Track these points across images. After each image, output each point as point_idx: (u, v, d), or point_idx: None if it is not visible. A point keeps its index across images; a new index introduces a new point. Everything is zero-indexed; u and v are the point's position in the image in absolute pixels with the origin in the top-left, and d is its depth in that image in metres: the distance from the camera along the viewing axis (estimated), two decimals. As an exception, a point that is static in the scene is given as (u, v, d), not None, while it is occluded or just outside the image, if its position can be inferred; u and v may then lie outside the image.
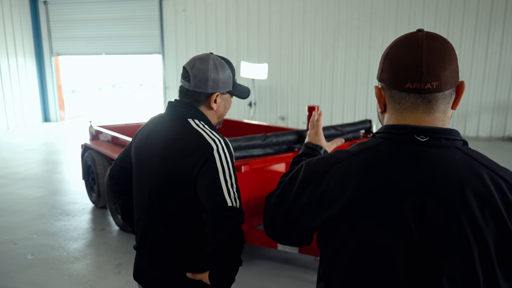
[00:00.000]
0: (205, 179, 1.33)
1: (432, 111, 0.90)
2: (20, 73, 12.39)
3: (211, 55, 1.47)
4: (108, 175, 1.71)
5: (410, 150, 0.88)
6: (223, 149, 1.36)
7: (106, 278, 3.33)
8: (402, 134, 0.90)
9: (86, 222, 4.55)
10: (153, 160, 1.43)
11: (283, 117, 11.51)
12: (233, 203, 1.32)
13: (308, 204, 0.96)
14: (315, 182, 0.96)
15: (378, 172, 0.89)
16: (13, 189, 5.73)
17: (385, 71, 0.93)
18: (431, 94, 0.88)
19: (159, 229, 1.46)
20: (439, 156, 0.87)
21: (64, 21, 12.90)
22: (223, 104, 1.52)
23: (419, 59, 0.86)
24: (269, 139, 3.49)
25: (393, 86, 0.92)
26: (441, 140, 0.88)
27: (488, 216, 0.83)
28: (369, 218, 0.88)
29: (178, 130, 1.41)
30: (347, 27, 10.67)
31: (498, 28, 9.60)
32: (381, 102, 0.98)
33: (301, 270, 3.42)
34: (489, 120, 10.02)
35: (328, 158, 0.98)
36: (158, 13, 12.03)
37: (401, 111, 0.92)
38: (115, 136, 4.67)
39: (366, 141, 0.97)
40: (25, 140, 9.89)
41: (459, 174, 0.85)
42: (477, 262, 0.83)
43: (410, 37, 0.90)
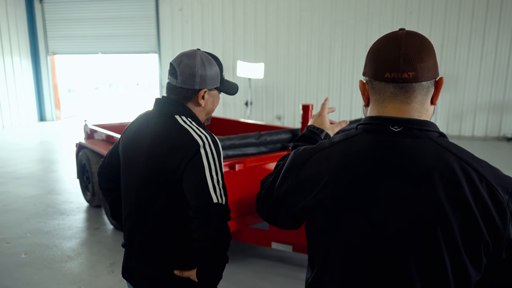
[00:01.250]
0: (191, 176, 1.33)
1: (409, 101, 0.95)
2: (16, 72, 12.34)
3: (198, 51, 1.46)
4: (97, 172, 1.71)
5: (383, 140, 0.94)
6: (210, 146, 1.36)
7: (99, 276, 3.33)
8: (378, 125, 0.96)
9: (81, 221, 4.54)
10: (140, 157, 1.43)
11: (280, 116, 11.52)
12: (219, 200, 1.32)
13: (290, 189, 1.03)
14: (297, 168, 1.03)
15: (352, 160, 0.95)
16: (8, 188, 5.71)
17: (367, 65, 1.00)
18: (408, 83, 0.93)
19: (147, 227, 1.46)
20: (410, 146, 0.91)
21: (60, 20, 12.85)
22: (211, 100, 1.52)
23: (397, 51, 0.92)
24: (263, 137, 3.49)
25: (374, 77, 0.97)
26: (413, 130, 0.92)
27: (455, 203, 0.86)
28: (342, 203, 0.93)
29: (165, 127, 1.41)
30: (343, 26, 10.69)
31: (493, 28, 9.64)
32: (364, 95, 1.03)
33: (295, 269, 3.43)
34: (485, 120, 10.06)
35: (314, 146, 1.05)
36: (154, 12, 12.01)
37: (381, 101, 0.98)
38: (109, 135, 4.65)
39: (349, 132, 1.03)
40: (21, 139, 9.85)
41: (428, 162, 0.89)
42: (444, 252, 0.86)
43: (391, 34, 0.97)
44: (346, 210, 0.93)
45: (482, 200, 0.86)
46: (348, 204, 0.93)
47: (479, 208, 0.85)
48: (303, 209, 1.01)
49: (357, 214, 0.92)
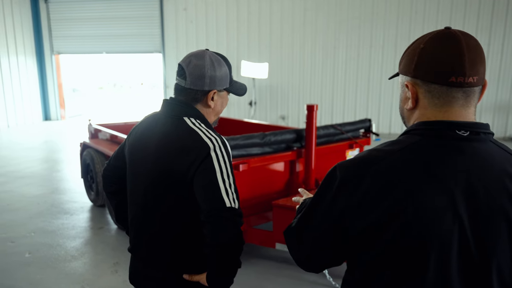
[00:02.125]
0: (202, 180, 1.30)
1: (469, 105, 0.93)
2: (21, 72, 12.39)
3: (207, 52, 1.44)
4: (102, 175, 1.68)
5: (453, 145, 0.90)
6: (220, 148, 1.33)
7: (103, 276, 3.32)
8: (443, 130, 0.91)
9: (84, 220, 4.54)
10: (148, 158, 1.40)
11: (284, 116, 11.50)
12: (232, 204, 1.29)
13: (345, 209, 0.92)
14: (353, 185, 0.91)
15: (424, 169, 0.88)
16: (12, 187, 5.73)
17: (421, 67, 0.93)
18: (471, 88, 0.91)
19: (154, 228, 1.44)
20: (480, 150, 0.90)
21: (65, 19, 12.90)
22: (220, 101, 1.49)
23: (462, 54, 0.88)
24: (268, 138, 3.47)
25: (433, 81, 0.92)
26: (480, 134, 0.91)
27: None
28: (418, 218, 0.86)
29: (174, 128, 1.38)
30: (348, 26, 10.64)
31: (499, 28, 9.57)
32: (413, 98, 0.97)
33: (299, 270, 3.40)
34: (490, 120, 9.98)
35: (362, 159, 0.94)
36: (158, 12, 12.02)
37: (439, 105, 0.93)
38: (113, 135, 4.65)
39: (401, 139, 0.96)
40: (25, 139, 9.89)
41: (499, 166, 0.89)
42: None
43: (446, 34, 0.92)
44: (426, 220, 0.86)
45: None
46: (426, 214, 0.86)
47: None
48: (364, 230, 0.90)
49: (438, 223, 0.85)
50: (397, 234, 0.87)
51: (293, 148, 3.70)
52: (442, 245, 0.86)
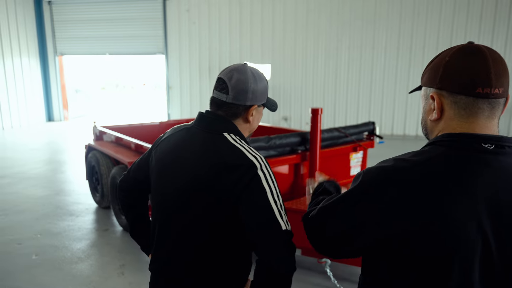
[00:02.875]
0: (254, 201, 1.23)
1: (493, 116, 0.95)
2: (24, 73, 12.45)
3: (247, 66, 1.40)
4: (118, 186, 1.62)
5: (479, 158, 0.91)
6: (267, 167, 1.27)
7: (109, 278, 3.35)
8: (469, 142, 0.92)
9: (90, 222, 4.57)
10: (182, 175, 1.34)
11: (286, 117, 11.52)
12: (287, 226, 1.23)
13: (368, 216, 0.94)
14: (377, 193, 0.93)
15: (450, 181, 0.90)
16: (18, 188, 5.77)
17: (447, 79, 0.95)
18: (497, 99, 0.93)
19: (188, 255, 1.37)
20: (506, 163, 0.91)
21: (68, 21, 12.96)
22: (257, 117, 1.45)
23: (488, 66, 0.91)
24: (273, 141, 3.50)
25: (460, 92, 0.94)
26: (505, 148, 0.92)
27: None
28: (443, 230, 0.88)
29: (213, 144, 1.31)
30: (350, 27, 10.66)
31: (502, 29, 9.58)
32: (438, 109, 0.99)
33: (304, 272, 3.43)
34: (493, 122, 10.00)
35: (389, 167, 0.96)
36: (161, 13, 12.06)
37: (465, 117, 0.95)
38: (119, 137, 4.69)
39: (426, 150, 0.97)
40: (29, 140, 9.94)
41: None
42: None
43: (471, 48, 0.95)
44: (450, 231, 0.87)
45: None
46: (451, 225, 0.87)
47: None
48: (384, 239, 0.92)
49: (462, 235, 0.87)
50: (422, 243, 0.89)
51: (298, 151, 3.72)
52: (466, 255, 0.88)
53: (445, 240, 0.88)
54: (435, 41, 10.01)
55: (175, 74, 12.40)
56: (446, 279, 0.89)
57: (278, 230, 1.22)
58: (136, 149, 4.27)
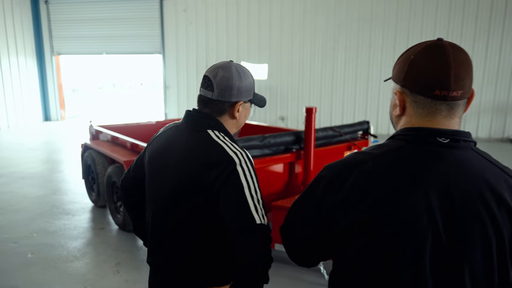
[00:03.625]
0: (230, 196, 1.27)
1: (453, 116, 0.97)
2: (21, 72, 12.44)
3: (232, 63, 1.43)
4: (120, 186, 1.67)
5: (433, 151, 0.94)
6: (246, 163, 1.31)
7: (105, 276, 3.37)
8: (425, 136, 0.95)
9: (86, 221, 4.59)
10: (170, 171, 1.39)
11: (283, 117, 11.55)
12: (262, 220, 1.26)
13: (331, 207, 0.98)
14: (338, 184, 0.98)
15: (403, 172, 0.93)
16: (14, 188, 5.77)
17: (410, 77, 0.97)
18: (455, 101, 0.95)
19: (173, 241, 1.42)
20: (460, 157, 0.94)
21: (65, 20, 12.95)
22: (244, 113, 1.48)
23: (448, 68, 0.91)
24: (267, 140, 3.52)
25: (419, 92, 0.96)
26: (460, 141, 0.95)
27: (504, 212, 0.90)
28: (396, 217, 0.91)
29: (198, 141, 1.36)
30: (347, 28, 10.70)
31: (497, 30, 9.63)
32: (401, 106, 1.01)
33: (297, 270, 3.46)
34: (488, 121, 10.05)
35: (349, 160, 1.01)
36: (158, 13, 12.07)
37: (424, 115, 0.98)
38: (115, 136, 4.70)
39: (386, 143, 1.01)
40: (26, 139, 9.93)
41: (478, 173, 0.92)
42: (494, 253, 0.91)
43: (436, 46, 0.95)
44: (402, 220, 0.91)
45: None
46: (403, 215, 0.91)
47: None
48: (348, 228, 0.96)
49: (413, 224, 0.90)
50: (376, 231, 0.93)
51: (292, 150, 3.75)
52: (416, 244, 0.90)
53: (398, 230, 0.91)
54: (431, 41, 10.06)
55: (172, 74, 12.41)
56: (399, 267, 0.92)
57: (252, 224, 1.24)
58: (132, 148, 4.29)
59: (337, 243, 1.01)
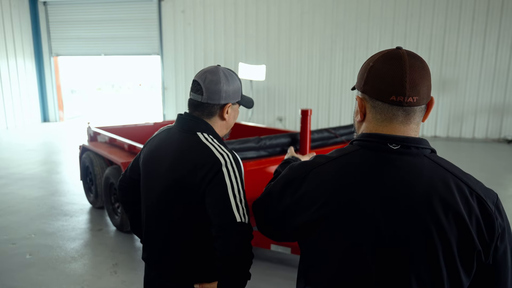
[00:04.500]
0: (214, 195, 1.35)
1: (408, 122, 0.99)
2: (20, 74, 12.45)
3: (220, 67, 1.51)
4: (118, 186, 1.75)
5: (383, 157, 0.97)
6: (232, 164, 1.38)
7: (102, 277, 3.40)
8: (376, 142, 0.98)
9: (84, 222, 4.62)
10: (161, 172, 1.46)
11: (281, 118, 11.58)
12: (242, 219, 1.34)
13: (289, 205, 1.05)
14: (296, 185, 1.04)
15: (352, 176, 0.97)
16: (13, 189, 5.80)
17: (369, 83, 1.00)
18: (411, 107, 0.97)
19: (166, 238, 1.49)
20: (409, 163, 0.95)
21: (63, 22, 12.97)
22: (233, 114, 1.56)
23: (404, 75, 0.94)
24: (263, 141, 3.56)
25: (377, 98, 0.99)
26: (411, 148, 0.96)
27: (452, 220, 0.91)
28: (343, 219, 0.95)
29: (187, 143, 1.44)
30: (344, 28, 10.74)
31: (494, 30, 9.68)
32: (361, 112, 1.05)
33: (294, 270, 3.49)
34: (485, 122, 10.10)
35: (309, 162, 1.07)
36: (156, 14, 12.10)
37: (380, 121, 1.00)
38: (112, 138, 4.73)
39: (345, 148, 1.05)
40: (24, 140, 9.95)
41: (427, 180, 0.94)
42: (441, 262, 0.91)
43: (393, 54, 0.98)
44: (348, 224, 0.95)
45: (475, 213, 0.92)
46: (349, 219, 0.95)
47: (472, 221, 0.92)
48: (302, 225, 1.02)
49: (359, 229, 0.94)
50: (324, 231, 0.98)
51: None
52: (361, 249, 0.94)
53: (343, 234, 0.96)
54: (428, 41, 10.11)
55: (170, 75, 12.44)
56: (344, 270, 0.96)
57: (233, 222, 1.33)
58: (130, 149, 4.32)
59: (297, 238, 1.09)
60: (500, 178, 6.55)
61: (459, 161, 7.76)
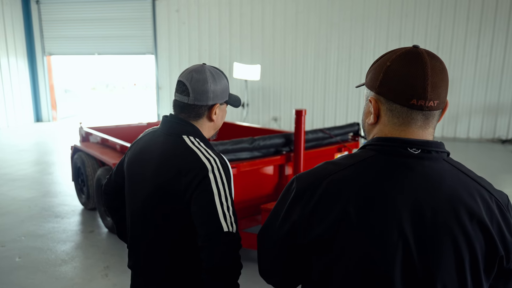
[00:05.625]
0: (200, 202, 1.27)
1: (427, 126, 0.95)
2: (12, 73, 12.32)
3: (205, 66, 1.43)
4: (102, 190, 1.68)
5: (403, 162, 0.91)
6: (219, 170, 1.30)
7: (93, 280, 3.34)
8: (395, 147, 0.92)
9: (75, 224, 4.55)
10: (146, 177, 1.39)
11: (276, 118, 11.55)
12: (229, 228, 1.26)
13: (300, 219, 0.95)
14: (307, 197, 0.95)
15: (373, 184, 0.90)
16: (3, 190, 5.72)
17: (386, 85, 0.94)
18: (431, 111, 0.92)
19: (151, 245, 1.42)
20: (431, 168, 0.91)
21: (56, 20, 12.85)
22: (221, 115, 1.49)
23: (426, 77, 0.89)
24: (257, 142, 3.52)
25: (395, 101, 0.93)
26: (432, 152, 0.92)
27: (476, 227, 0.88)
28: (364, 230, 0.89)
29: (172, 147, 1.36)
30: (339, 28, 10.73)
31: (488, 31, 9.70)
32: (375, 114, 0.98)
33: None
34: (480, 122, 10.12)
35: (319, 171, 0.98)
36: (151, 13, 12.02)
37: (398, 124, 0.94)
38: (104, 138, 4.67)
39: (357, 153, 0.98)
40: (17, 140, 9.84)
41: (450, 186, 0.90)
42: (467, 269, 0.88)
43: (413, 54, 0.92)
44: (370, 235, 0.88)
45: (496, 218, 0.90)
46: (371, 229, 0.88)
47: (495, 227, 0.89)
48: (315, 239, 0.94)
49: (382, 239, 0.88)
50: (344, 245, 0.90)
51: (282, 152, 3.74)
52: (385, 260, 0.87)
53: (366, 245, 0.88)
54: (423, 41, 10.11)
55: (164, 75, 12.37)
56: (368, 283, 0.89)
57: (219, 231, 1.25)
58: (122, 150, 4.26)
59: (306, 255, 0.99)
60: (495, 178, 6.55)
61: (454, 161, 7.76)
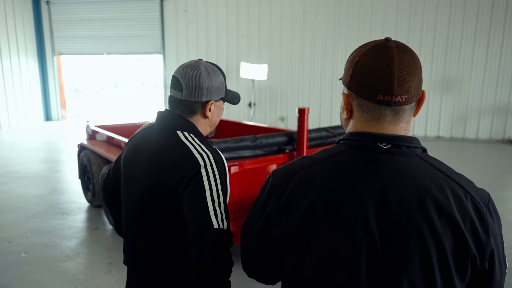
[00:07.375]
0: (191, 199, 1.25)
1: (398, 121, 0.93)
2: (22, 72, 12.50)
3: (201, 61, 1.41)
4: (101, 186, 1.68)
5: (372, 157, 0.91)
6: (212, 165, 1.28)
7: (96, 276, 3.38)
8: (366, 141, 0.92)
9: (81, 220, 4.60)
10: (140, 172, 1.38)
11: (283, 117, 11.54)
12: (220, 225, 1.23)
13: (274, 212, 0.97)
14: (280, 190, 0.97)
15: (341, 178, 0.90)
16: (11, 187, 5.80)
17: (354, 80, 0.93)
18: (400, 106, 0.91)
19: (145, 241, 1.42)
20: (401, 163, 0.89)
21: (66, 21, 13.00)
22: (216, 111, 1.46)
23: (391, 72, 0.87)
24: (259, 140, 3.52)
25: (363, 96, 0.92)
26: (402, 147, 0.90)
27: (445, 223, 0.86)
28: (331, 223, 0.89)
29: (166, 143, 1.35)
30: (347, 28, 10.68)
31: (498, 30, 9.58)
32: (348, 109, 0.98)
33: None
34: (489, 122, 10.00)
35: (293, 165, 1.00)
36: (159, 13, 12.10)
37: (368, 120, 0.94)
38: (110, 136, 4.72)
39: (331, 148, 0.98)
40: (26, 139, 9.98)
41: (420, 181, 0.88)
42: (435, 266, 0.86)
43: (380, 48, 0.90)
44: (336, 228, 0.89)
45: (469, 216, 0.87)
46: (338, 222, 0.88)
47: (467, 225, 0.87)
48: (287, 231, 0.95)
49: (348, 232, 0.88)
50: (311, 236, 0.91)
51: (285, 151, 3.74)
52: (351, 253, 0.87)
53: (330, 237, 0.89)
54: (432, 41, 10.03)
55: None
56: (334, 277, 0.89)
57: (209, 228, 1.22)
58: (126, 148, 4.29)
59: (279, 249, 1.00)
60: (504, 179, 6.47)
61: (463, 162, 7.68)
